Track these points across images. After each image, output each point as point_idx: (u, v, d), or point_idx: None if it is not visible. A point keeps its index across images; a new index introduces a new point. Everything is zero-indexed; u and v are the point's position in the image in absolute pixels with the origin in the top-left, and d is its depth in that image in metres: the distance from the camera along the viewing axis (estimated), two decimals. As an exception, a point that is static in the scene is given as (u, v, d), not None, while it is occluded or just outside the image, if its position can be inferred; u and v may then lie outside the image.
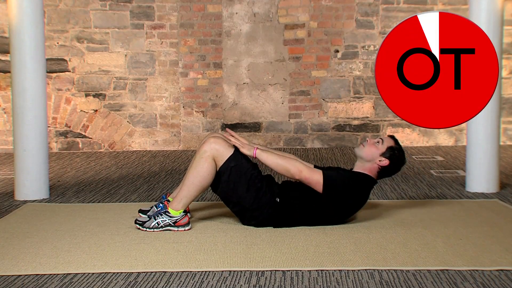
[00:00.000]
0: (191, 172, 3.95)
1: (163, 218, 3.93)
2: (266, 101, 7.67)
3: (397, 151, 4.05)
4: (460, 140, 7.64)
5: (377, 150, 4.02)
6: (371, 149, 4.03)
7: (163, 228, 3.92)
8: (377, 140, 4.07)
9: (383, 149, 4.02)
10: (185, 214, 3.96)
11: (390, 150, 4.03)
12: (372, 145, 4.04)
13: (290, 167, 3.93)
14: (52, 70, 7.52)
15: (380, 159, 4.01)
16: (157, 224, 3.92)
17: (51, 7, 7.49)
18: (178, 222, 3.93)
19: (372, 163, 4.02)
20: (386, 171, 4.06)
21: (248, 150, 3.99)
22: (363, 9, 7.59)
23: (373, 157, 4.02)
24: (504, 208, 4.46)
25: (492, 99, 4.64)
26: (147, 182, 5.63)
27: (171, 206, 3.95)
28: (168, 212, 3.93)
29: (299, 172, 3.91)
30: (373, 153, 4.02)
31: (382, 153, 4.02)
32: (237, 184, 3.92)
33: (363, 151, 4.04)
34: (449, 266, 3.24)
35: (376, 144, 4.04)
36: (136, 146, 7.67)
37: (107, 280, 3.10)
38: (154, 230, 3.92)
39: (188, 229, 3.95)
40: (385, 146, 4.03)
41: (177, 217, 3.93)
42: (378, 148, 4.03)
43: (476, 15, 4.85)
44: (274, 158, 3.97)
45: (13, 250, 3.58)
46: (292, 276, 3.13)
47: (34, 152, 4.89)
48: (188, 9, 7.60)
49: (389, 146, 4.04)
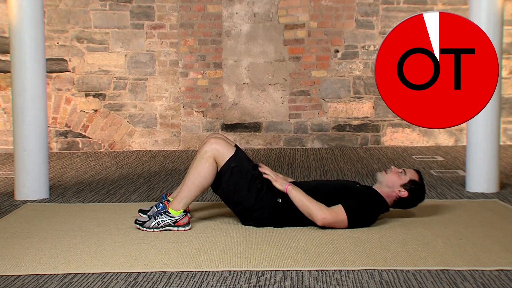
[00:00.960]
0: (192, 172, 3.95)
1: (163, 218, 3.93)
2: (266, 101, 7.67)
3: (418, 186, 4.03)
4: (460, 140, 7.64)
5: (399, 180, 4.00)
6: (393, 178, 4.01)
7: (163, 228, 3.92)
8: (401, 171, 4.04)
9: (405, 181, 4.00)
10: (185, 214, 3.96)
11: (412, 183, 4.01)
12: (395, 174, 4.02)
13: (315, 212, 3.85)
14: (52, 70, 7.52)
15: (400, 190, 3.99)
16: (157, 224, 3.92)
17: (51, 7, 7.49)
18: (178, 222, 3.93)
19: (390, 191, 4.00)
20: (402, 203, 4.05)
21: (281, 185, 3.96)
22: (363, 9, 7.59)
23: (394, 185, 4.00)
24: (504, 208, 4.46)
25: (492, 99, 4.64)
26: (147, 182, 5.63)
27: (171, 206, 3.95)
28: (168, 212, 3.93)
29: (323, 219, 3.85)
30: (394, 182, 4.00)
31: (403, 184, 4.00)
32: (238, 184, 3.92)
33: (385, 178, 4.02)
34: (449, 266, 3.24)
35: (400, 174, 4.02)
36: (136, 146, 7.67)
37: (107, 280, 3.10)
38: (154, 230, 3.92)
39: (188, 229, 3.95)
40: (408, 178, 4.01)
41: (177, 217, 3.93)
42: (401, 178, 4.01)
43: (476, 15, 4.85)
44: (303, 198, 3.91)
45: (13, 250, 3.58)
46: (292, 276, 3.13)
47: (34, 152, 4.90)
48: (188, 9, 7.60)
49: (412, 179, 4.02)
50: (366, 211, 3.93)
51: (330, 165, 6.40)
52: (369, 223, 3.97)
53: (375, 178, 4.11)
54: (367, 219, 3.96)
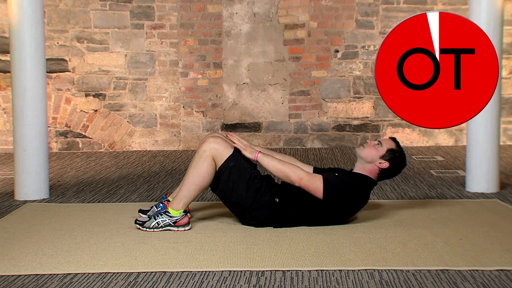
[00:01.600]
0: (191, 172, 3.95)
1: (163, 218, 3.93)
2: (266, 101, 7.67)
3: (398, 154, 4.04)
4: (460, 140, 7.64)
5: (377, 152, 4.02)
6: (371, 151, 4.02)
7: (163, 228, 3.92)
8: (377, 142, 4.06)
9: (383, 151, 4.01)
10: (185, 214, 3.96)
11: (390, 152, 4.02)
12: (372, 147, 4.03)
13: (290, 173, 3.91)
14: (52, 70, 7.52)
15: (380, 161, 4.00)
16: (157, 224, 3.92)
17: (51, 7, 7.49)
18: (178, 222, 3.93)
19: (372, 165, 4.02)
20: (386, 173, 4.06)
21: (250, 153, 3.98)
22: (363, 9, 7.59)
23: (373, 159, 4.01)
24: (504, 208, 4.46)
25: (492, 99, 4.64)
26: (147, 182, 5.63)
27: (171, 206, 3.95)
28: (168, 212, 3.93)
29: (299, 179, 3.89)
30: (373, 155, 4.01)
31: (382, 155, 4.01)
32: (237, 184, 3.92)
33: (363, 152, 4.03)
34: (449, 266, 3.24)
35: (377, 146, 4.03)
36: (136, 146, 7.67)
37: (107, 280, 3.10)
38: (154, 230, 3.92)
39: (188, 229, 3.95)
40: (385, 148, 4.02)
41: (177, 217, 3.93)
42: (378, 150, 4.02)
43: (476, 15, 4.85)
44: (275, 163, 3.96)
45: (13, 250, 3.58)
46: (292, 276, 3.13)
47: (34, 152, 4.89)
48: (188, 9, 7.60)
49: (390, 148, 4.03)
50: (347, 187, 3.92)
51: (330, 165, 6.39)
52: (359, 203, 3.98)
53: (354, 155, 4.11)
54: (352, 197, 3.94)
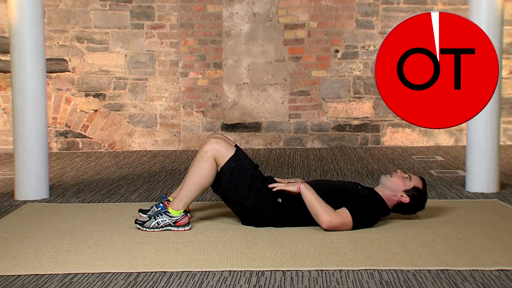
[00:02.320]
0: (192, 172, 3.95)
1: (163, 218, 3.93)
2: (266, 101, 7.67)
3: (421, 195, 4.03)
4: (460, 140, 7.64)
5: (403, 185, 3.99)
6: (397, 182, 4.00)
7: (163, 228, 3.92)
8: (407, 176, 4.03)
9: (409, 187, 3.99)
10: (185, 214, 3.96)
11: (415, 190, 4.00)
12: (400, 178, 4.01)
13: (322, 214, 3.84)
14: (52, 70, 7.52)
15: (402, 195, 3.99)
16: (157, 224, 3.92)
17: (51, 7, 7.49)
18: (178, 222, 3.93)
19: (392, 195, 4.01)
20: (401, 208, 4.05)
21: (293, 186, 3.96)
22: (363, 9, 7.59)
23: (397, 190, 3.99)
24: (504, 208, 4.46)
25: (492, 99, 4.64)
26: (147, 182, 5.63)
27: (171, 206, 3.95)
28: (168, 212, 3.93)
29: (329, 222, 3.83)
30: (397, 186, 3.99)
31: (406, 190, 3.99)
32: (238, 184, 3.92)
33: (389, 181, 4.01)
34: (449, 266, 3.24)
35: (405, 180, 4.01)
36: (136, 146, 7.67)
37: (107, 280, 3.10)
38: (154, 230, 3.92)
39: (188, 229, 3.95)
40: (412, 185, 4.00)
41: (177, 217, 3.93)
42: (405, 183, 4.00)
43: (476, 15, 4.85)
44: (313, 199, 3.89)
45: (13, 250, 3.58)
46: (292, 276, 3.13)
47: (34, 152, 4.89)
48: (188, 9, 7.60)
49: (416, 186, 4.01)
50: (369, 213, 3.93)
51: (330, 165, 6.40)
52: (370, 225, 3.97)
53: (379, 180, 4.10)
54: (370, 221, 3.96)
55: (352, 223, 3.85)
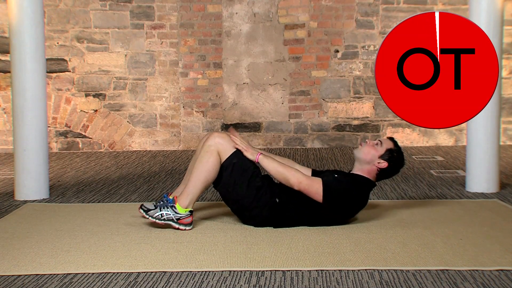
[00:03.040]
0: (197, 167, 3.94)
1: (168, 211, 3.90)
2: (266, 101, 7.67)
3: (396, 153, 4.03)
4: (460, 140, 7.64)
5: (376, 152, 4.01)
6: (370, 151, 4.01)
7: (165, 221, 3.90)
8: (376, 142, 4.05)
9: (382, 151, 4.01)
10: (191, 214, 3.94)
11: (389, 152, 4.01)
12: (371, 147, 4.03)
13: (290, 176, 3.90)
14: (52, 70, 7.52)
15: (379, 161, 4.00)
16: (161, 216, 3.90)
17: (51, 7, 7.49)
18: (181, 219, 3.91)
19: (370, 165, 4.01)
20: (384, 173, 4.05)
21: (252, 154, 3.98)
22: (363, 9, 7.59)
23: (372, 159, 4.00)
24: (504, 208, 4.46)
25: (492, 99, 4.64)
26: (147, 182, 5.63)
27: (179, 202, 3.93)
28: (175, 208, 3.91)
29: (299, 183, 3.88)
30: (372, 155, 4.01)
31: (381, 155, 4.00)
32: (238, 181, 3.92)
33: (362, 153, 4.03)
34: (449, 266, 3.24)
35: (375, 146, 4.02)
36: (136, 146, 7.67)
37: (107, 280, 3.10)
38: (156, 221, 3.90)
39: (188, 229, 3.94)
40: (384, 148, 4.02)
41: (182, 215, 3.91)
42: (377, 150, 4.01)
43: (476, 15, 4.85)
44: (276, 166, 3.96)
45: (13, 250, 3.58)
46: (292, 276, 3.13)
47: (34, 152, 4.89)
48: (188, 9, 7.60)
49: (388, 148, 4.03)
50: (346, 190, 3.91)
51: (330, 165, 6.39)
52: (359, 205, 3.98)
53: (353, 156, 4.09)
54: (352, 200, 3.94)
55: (323, 191, 3.85)
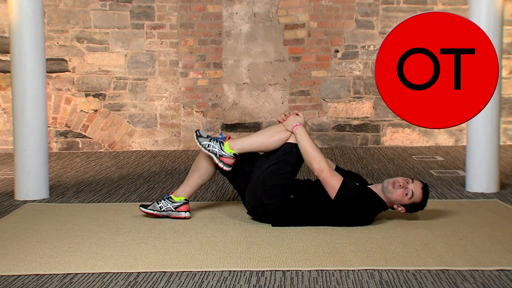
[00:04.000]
0: (269, 131, 4.04)
1: (215, 144, 3.99)
2: (266, 101, 7.68)
3: (418, 207, 3.99)
4: (460, 140, 7.64)
5: (402, 200, 3.93)
6: (398, 197, 3.93)
7: (208, 152, 3.98)
8: (410, 194, 3.92)
9: (407, 202, 3.94)
10: (234, 157, 4.00)
11: (413, 205, 3.97)
12: (401, 194, 3.91)
13: (317, 161, 3.92)
14: (52, 70, 7.52)
15: (398, 206, 3.97)
16: (207, 146, 3.99)
17: (51, 7, 7.49)
18: (223, 157, 3.98)
19: (390, 202, 3.98)
20: None
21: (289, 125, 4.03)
22: (363, 9, 7.59)
23: (395, 202, 3.96)
24: (504, 208, 4.46)
25: (492, 99, 4.64)
26: (147, 182, 5.63)
27: (230, 142, 4.00)
28: (223, 145, 3.98)
29: (320, 170, 3.91)
30: (397, 200, 3.94)
31: (405, 204, 3.96)
32: (279, 166, 3.95)
33: (392, 195, 3.93)
34: (449, 266, 3.24)
35: (405, 197, 3.92)
36: (136, 146, 7.67)
37: (107, 280, 3.10)
38: (202, 148, 3.99)
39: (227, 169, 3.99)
40: (412, 201, 3.94)
41: (226, 154, 3.98)
42: (404, 200, 3.93)
43: (476, 15, 4.85)
44: (309, 144, 3.97)
45: (13, 250, 3.58)
46: (292, 276, 3.13)
47: (34, 152, 4.89)
48: (188, 9, 7.60)
49: (415, 202, 3.95)
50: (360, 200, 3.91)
51: (330, 165, 6.39)
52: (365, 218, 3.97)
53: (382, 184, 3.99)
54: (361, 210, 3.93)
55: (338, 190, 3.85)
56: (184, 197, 4.17)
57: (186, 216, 4.15)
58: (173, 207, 4.12)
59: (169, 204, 4.12)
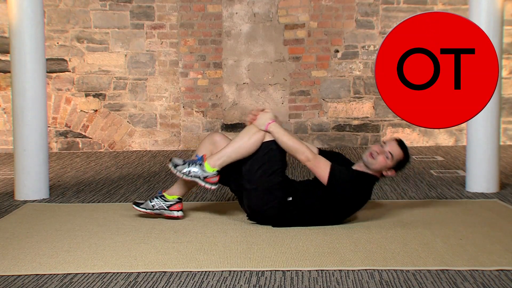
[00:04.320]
0: (242, 136, 3.98)
1: (196, 168, 3.94)
2: (266, 101, 7.67)
3: (404, 162, 4.02)
4: (460, 140, 7.64)
5: (386, 164, 3.96)
6: (381, 164, 3.96)
7: (191, 178, 3.94)
8: (388, 156, 3.95)
9: (392, 164, 3.97)
10: (218, 174, 3.96)
11: (398, 163, 3.99)
12: (383, 160, 3.95)
13: (300, 152, 3.93)
14: (52, 70, 7.52)
15: (387, 171, 3.99)
16: (188, 172, 3.94)
17: (51, 7, 7.49)
18: (208, 178, 3.94)
19: (377, 172, 4.00)
20: None
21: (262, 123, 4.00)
22: (363, 9, 7.59)
23: (382, 168, 3.98)
24: (504, 208, 4.46)
25: (492, 99, 4.64)
26: (147, 182, 5.63)
27: (208, 161, 3.96)
28: (203, 166, 3.94)
29: (307, 160, 3.92)
30: (382, 167, 3.97)
31: (391, 166, 3.98)
32: (265, 166, 3.94)
33: (374, 165, 3.96)
34: (449, 266, 3.24)
35: (387, 160, 3.95)
36: (136, 146, 7.67)
37: (107, 280, 3.10)
38: (183, 177, 3.94)
39: (213, 189, 3.97)
40: (396, 161, 3.97)
41: (209, 174, 3.94)
42: (388, 163, 3.96)
43: (476, 15, 4.85)
44: (288, 138, 3.97)
45: (13, 250, 3.58)
46: (292, 276, 3.13)
47: (34, 152, 4.89)
48: (188, 9, 7.60)
49: (399, 160, 3.98)
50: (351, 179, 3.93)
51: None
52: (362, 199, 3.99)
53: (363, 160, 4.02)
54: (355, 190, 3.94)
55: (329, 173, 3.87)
56: (178, 196, 4.14)
57: (179, 215, 4.11)
58: (166, 205, 4.08)
59: (161, 203, 4.08)
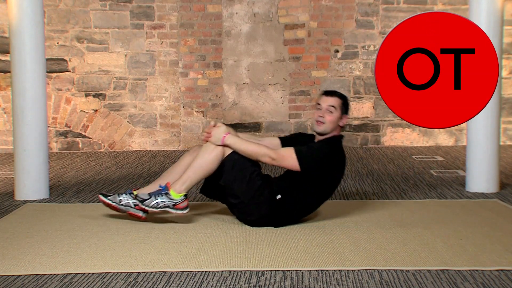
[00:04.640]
0: (200, 156, 3.98)
1: (163, 199, 3.94)
2: (266, 101, 7.68)
3: (346, 102, 4.08)
4: (460, 140, 7.64)
5: (335, 118, 4.02)
6: (332, 121, 4.02)
7: (162, 209, 3.94)
8: (330, 109, 4.02)
9: (339, 113, 4.03)
10: (185, 198, 3.97)
11: (342, 108, 4.05)
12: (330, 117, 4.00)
13: (260, 156, 3.94)
14: (52, 70, 7.52)
15: (341, 122, 4.05)
16: (157, 204, 3.93)
17: (51, 7, 7.49)
18: (177, 205, 3.94)
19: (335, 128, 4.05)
20: None
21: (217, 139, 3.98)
22: (363, 9, 7.59)
23: (333, 124, 4.03)
24: (504, 208, 4.46)
25: (492, 99, 4.64)
26: (147, 182, 5.63)
27: (173, 188, 3.96)
28: (169, 194, 3.94)
29: (271, 160, 3.93)
30: (334, 123, 4.03)
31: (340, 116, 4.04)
32: (238, 177, 3.93)
33: (328, 127, 4.03)
34: (449, 266, 3.24)
35: (331, 114, 4.01)
36: (136, 146, 7.67)
37: (107, 280, 3.10)
38: (153, 210, 3.93)
39: (186, 213, 3.96)
40: (339, 108, 4.03)
41: (177, 201, 3.94)
42: (336, 116, 4.02)
43: (476, 15, 4.85)
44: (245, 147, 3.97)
45: (13, 250, 3.58)
46: (292, 276, 3.13)
47: (34, 152, 4.89)
48: (188, 9, 7.60)
49: (340, 105, 4.05)
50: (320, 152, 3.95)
51: (330, 165, 6.39)
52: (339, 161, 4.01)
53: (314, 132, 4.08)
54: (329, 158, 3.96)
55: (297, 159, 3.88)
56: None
57: (143, 216, 4.05)
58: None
59: (129, 200, 4.06)
